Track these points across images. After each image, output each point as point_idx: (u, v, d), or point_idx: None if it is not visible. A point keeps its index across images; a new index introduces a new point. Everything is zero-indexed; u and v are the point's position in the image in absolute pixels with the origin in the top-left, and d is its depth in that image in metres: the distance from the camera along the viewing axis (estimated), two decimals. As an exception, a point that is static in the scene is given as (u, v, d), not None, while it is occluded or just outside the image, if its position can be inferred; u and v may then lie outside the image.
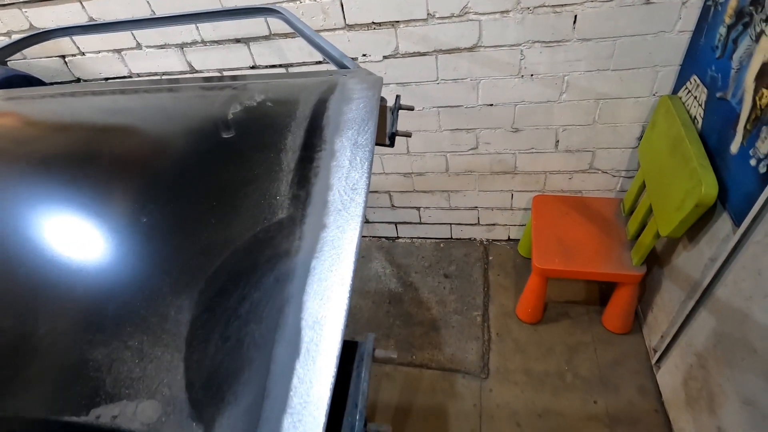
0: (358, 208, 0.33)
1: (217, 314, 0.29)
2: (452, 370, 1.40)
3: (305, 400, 0.24)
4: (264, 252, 0.32)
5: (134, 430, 0.25)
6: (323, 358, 0.26)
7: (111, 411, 0.26)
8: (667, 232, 1.02)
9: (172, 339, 0.28)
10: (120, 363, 0.27)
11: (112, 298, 0.31)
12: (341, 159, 0.38)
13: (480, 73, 1.25)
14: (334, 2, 1.17)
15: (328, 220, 0.33)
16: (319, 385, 0.25)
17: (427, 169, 1.57)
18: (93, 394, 0.26)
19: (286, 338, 0.26)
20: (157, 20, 1.09)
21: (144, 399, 0.26)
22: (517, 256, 1.71)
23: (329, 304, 0.28)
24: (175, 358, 0.27)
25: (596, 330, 1.42)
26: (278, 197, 0.36)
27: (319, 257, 0.31)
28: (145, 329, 0.29)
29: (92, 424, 0.25)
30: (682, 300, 1.11)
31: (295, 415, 0.24)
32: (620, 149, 1.36)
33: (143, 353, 0.28)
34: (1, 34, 1.40)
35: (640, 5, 1.04)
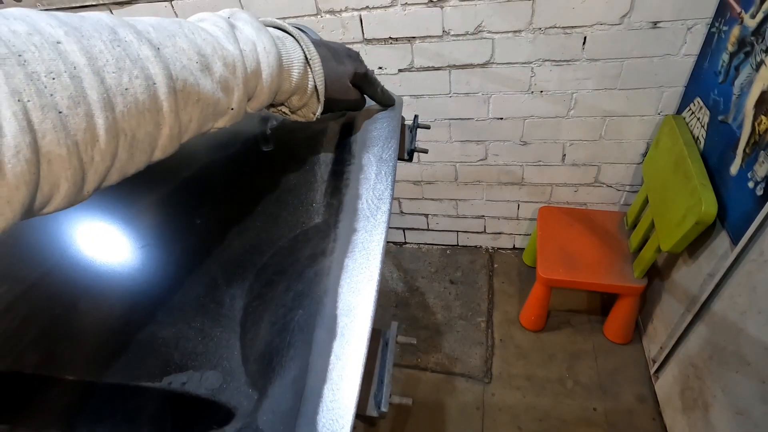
0: (384, 215, 0.39)
1: (266, 302, 0.34)
2: (456, 373, 1.44)
3: (342, 374, 0.29)
4: (304, 251, 0.37)
5: (200, 394, 0.30)
6: (356, 340, 0.31)
7: (180, 379, 0.31)
8: (668, 247, 1.06)
9: (228, 322, 0.34)
10: (185, 340, 0.33)
11: (175, 287, 0.37)
12: (368, 172, 0.43)
13: (491, 89, 1.30)
14: (354, 18, 1.23)
15: (358, 225, 0.38)
16: (352, 362, 0.30)
17: (436, 178, 1.62)
18: (164, 365, 0.32)
19: (324, 323, 0.32)
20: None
21: (207, 370, 0.31)
22: (522, 265, 1.75)
23: (360, 296, 0.33)
24: (231, 338, 0.33)
25: (597, 339, 1.45)
26: (314, 204, 0.41)
27: (351, 256, 0.36)
28: (204, 313, 0.34)
29: (165, 388, 0.31)
30: (681, 313, 1.14)
31: (334, 386, 0.29)
32: (625, 164, 1.40)
33: (204, 333, 0.33)
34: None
35: (648, 29, 1.09)
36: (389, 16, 1.20)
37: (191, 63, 0.27)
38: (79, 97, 0.21)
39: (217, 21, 0.31)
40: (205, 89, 0.28)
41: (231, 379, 0.30)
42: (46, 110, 0.20)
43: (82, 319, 0.36)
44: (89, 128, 0.22)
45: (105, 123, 0.22)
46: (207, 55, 0.29)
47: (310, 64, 0.36)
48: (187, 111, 0.28)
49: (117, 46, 0.24)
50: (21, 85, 0.19)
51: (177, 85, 0.26)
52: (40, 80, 0.20)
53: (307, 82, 0.37)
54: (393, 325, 0.49)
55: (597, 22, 1.10)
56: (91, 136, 0.22)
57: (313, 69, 0.36)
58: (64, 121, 0.20)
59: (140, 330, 0.34)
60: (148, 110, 0.25)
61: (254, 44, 0.32)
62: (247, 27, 0.32)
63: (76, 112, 0.21)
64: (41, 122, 0.20)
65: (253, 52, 0.32)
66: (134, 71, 0.24)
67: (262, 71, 0.32)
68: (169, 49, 0.26)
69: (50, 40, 0.21)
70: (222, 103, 0.30)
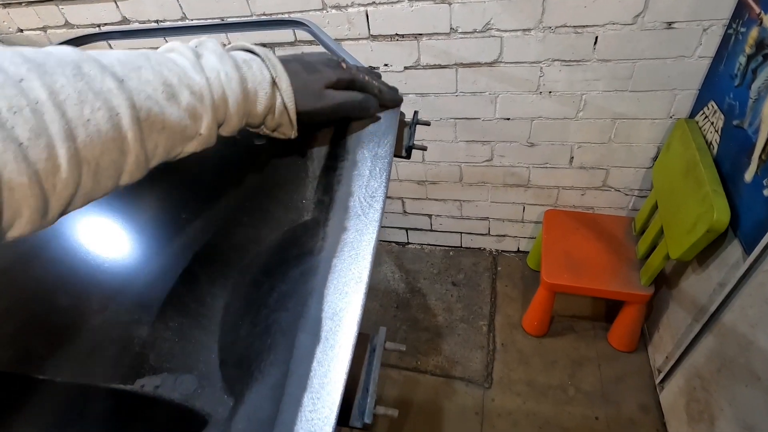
0: (376, 214, 0.37)
1: (249, 302, 0.32)
2: (456, 377, 1.42)
3: (323, 381, 0.27)
4: (291, 249, 0.35)
5: (174, 399, 0.29)
6: (340, 345, 0.29)
7: (154, 381, 0.29)
8: (677, 255, 1.03)
9: (208, 322, 0.32)
10: (162, 341, 0.31)
11: (155, 284, 0.35)
12: (362, 169, 0.41)
13: (499, 88, 1.27)
14: (360, 13, 1.21)
15: (348, 223, 0.36)
16: (335, 369, 0.28)
17: (440, 178, 1.60)
18: (138, 366, 0.30)
19: (308, 327, 0.30)
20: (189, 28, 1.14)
21: (183, 373, 0.30)
22: (526, 268, 1.72)
23: (347, 299, 0.31)
24: (210, 339, 0.31)
25: (601, 346, 1.42)
26: (304, 201, 0.39)
27: (339, 256, 0.34)
28: (184, 312, 0.33)
29: (137, 392, 0.29)
30: (689, 322, 1.11)
31: (314, 394, 0.27)
32: (634, 168, 1.37)
33: (182, 333, 0.31)
34: (38, 28, 1.46)
35: (662, 29, 1.06)
36: (396, 13, 1.18)
37: (156, 93, 0.29)
38: (40, 129, 0.23)
39: (184, 51, 0.33)
40: (171, 117, 0.30)
41: (207, 383, 0.29)
42: (6, 142, 0.21)
43: (60, 314, 0.35)
44: (50, 158, 0.23)
45: (67, 153, 0.24)
46: (173, 85, 0.30)
47: (277, 82, 0.37)
48: (152, 138, 0.29)
49: (80, 80, 0.25)
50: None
51: (141, 115, 0.28)
52: (1, 115, 0.21)
53: (275, 101, 0.37)
54: (381, 330, 0.47)
55: (609, 21, 1.07)
56: (53, 166, 0.23)
57: (280, 87, 0.37)
58: (24, 152, 0.22)
59: (117, 328, 0.32)
60: (111, 139, 0.26)
61: (218, 72, 0.33)
62: (212, 56, 0.34)
63: (37, 143, 0.22)
64: (2, 153, 0.21)
65: (217, 80, 0.33)
66: (96, 103, 0.25)
67: (228, 97, 0.34)
68: (133, 81, 0.28)
69: (14, 78, 0.23)
70: (190, 129, 0.32)
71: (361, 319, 0.30)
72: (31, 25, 1.45)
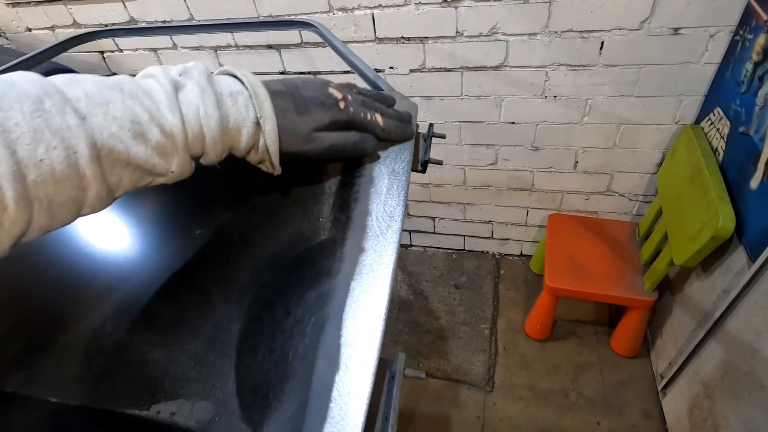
0: (395, 234, 0.36)
1: (264, 326, 0.32)
2: (458, 380, 1.42)
3: (344, 412, 0.27)
4: (306, 270, 0.35)
5: (191, 427, 0.28)
6: (360, 374, 0.28)
7: (170, 408, 0.29)
8: (681, 261, 1.03)
9: (223, 346, 0.31)
10: (176, 365, 0.31)
11: (169, 304, 0.35)
12: (379, 186, 0.40)
13: (504, 92, 1.27)
14: (366, 16, 1.20)
15: (366, 244, 0.36)
16: (356, 398, 0.27)
17: (444, 181, 1.59)
18: (153, 391, 0.30)
19: (326, 353, 0.29)
20: (196, 27, 1.13)
21: (199, 399, 0.29)
22: (529, 272, 1.72)
23: (367, 324, 0.31)
24: (226, 364, 0.30)
25: (604, 351, 1.42)
26: (320, 219, 0.39)
27: (357, 279, 0.33)
28: (198, 335, 0.32)
29: (153, 418, 0.29)
30: (692, 329, 1.11)
31: (335, 425, 0.26)
32: (639, 174, 1.37)
33: (198, 357, 0.31)
34: (46, 27, 1.46)
35: (668, 35, 1.05)
36: (402, 16, 1.17)
37: (122, 131, 0.28)
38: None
39: (163, 82, 0.31)
40: (137, 155, 0.28)
41: (224, 411, 0.28)
42: None
43: (70, 333, 0.34)
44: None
45: (14, 193, 0.23)
46: (142, 122, 0.29)
47: (261, 123, 0.35)
48: (115, 173, 0.28)
49: (38, 116, 0.24)
50: None
51: (102, 153, 0.27)
52: None
53: (258, 139, 0.35)
54: (400, 356, 0.47)
55: (615, 26, 1.07)
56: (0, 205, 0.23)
57: (263, 128, 0.35)
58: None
59: (129, 349, 0.32)
60: (67, 178, 0.25)
61: (197, 107, 0.31)
62: (194, 88, 0.32)
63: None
64: None
65: (195, 116, 0.31)
66: (53, 142, 0.24)
67: (205, 135, 0.32)
68: (97, 118, 0.27)
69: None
70: (160, 167, 0.30)
71: (381, 345, 0.30)
72: (40, 25, 1.44)
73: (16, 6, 1.41)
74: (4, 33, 1.52)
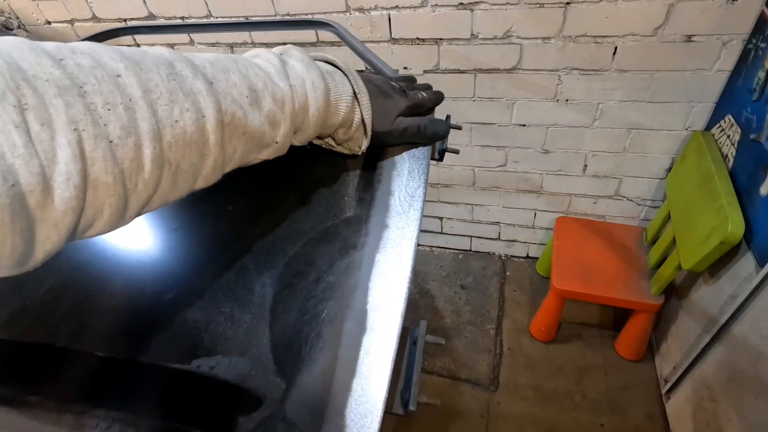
0: (416, 213, 0.38)
1: (296, 291, 0.34)
2: (462, 379, 1.43)
3: (370, 369, 0.29)
4: (335, 243, 0.37)
5: (229, 380, 0.30)
6: (386, 336, 0.31)
7: (209, 363, 0.31)
8: (689, 266, 1.04)
9: (258, 309, 0.34)
10: (215, 325, 0.33)
11: (206, 271, 0.37)
12: (401, 169, 0.43)
13: (516, 94, 1.29)
14: (383, 17, 1.23)
15: (389, 221, 0.38)
16: (382, 357, 0.30)
17: (454, 181, 1.61)
18: (193, 348, 0.32)
19: (354, 317, 0.31)
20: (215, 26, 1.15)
21: (236, 355, 0.31)
22: (535, 274, 1.73)
23: (391, 292, 0.33)
24: (261, 325, 0.33)
25: (608, 354, 1.43)
26: (346, 198, 0.41)
27: (382, 252, 0.35)
28: (235, 299, 0.34)
29: (194, 371, 0.31)
30: (698, 333, 1.12)
31: (363, 379, 0.29)
32: (647, 179, 1.38)
33: (234, 318, 0.33)
34: (66, 21, 1.49)
35: (681, 42, 1.07)
36: (418, 17, 1.19)
37: (242, 97, 0.28)
38: (130, 128, 0.22)
39: (270, 58, 0.33)
40: (252, 123, 0.29)
41: (259, 366, 0.30)
42: (98, 139, 0.21)
43: (114, 295, 0.37)
44: (136, 158, 0.23)
45: (152, 153, 0.23)
46: (258, 90, 0.30)
47: (358, 98, 0.37)
48: (232, 143, 0.29)
49: (173, 79, 0.25)
50: (78, 115, 0.20)
51: (225, 119, 0.27)
52: (96, 111, 0.21)
53: (354, 115, 0.37)
54: (422, 323, 0.49)
55: (629, 32, 1.09)
56: (137, 165, 0.23)
57: (360, 103, 0.37)
58: (113, 150, 0.22)
59: (170, 311, 0.34)
60: (194, 142, 0.26)
61: (303, 80, 0.33)
62: (297, 63, 0.33)
63: (126, 142, 0.22)
64: (92, 150, 0.21)
65: (302, 88, 0.33)
66: (186, 104, 0.25)
67: (310, 106, 0.33)
68: (222, 84, 0.28)
69: (111, 73, 0.22)
70: (267, 136, 0.31)
71: (405, 311, 0.32)
72: (59, 18, 1.48)
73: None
74: (24, 25, 1.55)
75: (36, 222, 0.19)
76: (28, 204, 0.18)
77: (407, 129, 0.42)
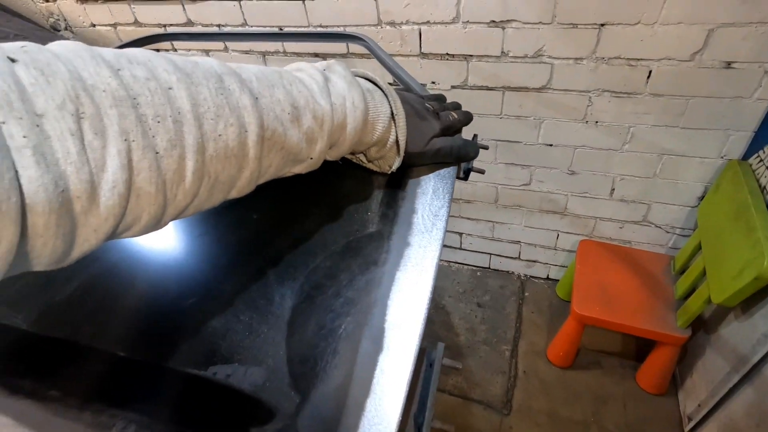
0: (439, 233, 0.38)
1: (315, 305, 0.34)
2: (474, 399, 1.40)
3: (385, 389, 0.29)
4: (356, 258, 0.37)
5: (244, 389, 0.30)
6: (403, 356, 0.30)
7: (225, 370, 0.31)
8: (719, 300, 1.00)
9: (276, 320, 0.34)
10: (233, 333, 0.33)
11: (227, 279, 0.37)
12: (425, 187, 0.43)
13: (544, 114, 1.27)
14: (413, 31, 1.24)
15: (412, 239, 0.37)
16: (398, 378, 0.29)
17: (476, 198, 1.60)
18: (210, 355, 0.32)
19: (371, 335, 0.31)
20: (249, 35, 1.19)
21: (252, 365, 0.31)
22: (554, 297, 1.69)
23: (410, 312, 0.33)
24: (278, 336, 0.33)
25: (628, 385, 1.38)
26: (369, 213, 0.41)
27: (403, 270, 0.35)
28: (254, 308, 0.35)
29: (210, 378, 0.31)
30: (727, 371, 1.07)
31: (377, 400, 0.28)
32: (678, 206, 1.34)
33: (252, 328, 0.33)
34: (109, 24, 1.56)
35: (720, 69, 1.04)
36: (449, 33, 1.20)
37: (284, 114, 0.29)
38: (176, 140, 0.23)
39: (314, 74, 0.33)
40: (291, 139, 0.29)
41: (274, 377, 0.30)
42: (146, 150, 0.21)
43: (137, 297, 0.37)
44: (179, 169, 0.23)
45: (194, 166, 0.24)
46: (299, 107, 0.30)
47: (395, 119, 0.37)
48: (269, 157, 0.29)
49: (221, 94, 0.25)
50: (130, 126, 0.21)
51: (266, 134, 0.28)
52: (146, 122, 0.22)
53: (389, 135, 0.38)
54: (439, 345, 0.48)
55: (665, 56, 1.06)
56: (179, 177, 0.23)
57: (397, 124, 0.37)
58: (159, 161, 0.22)
59: (190, 316, 0.35)
60: (234, 156, 0.26)
61: (344, 98, 0.33)
62: (340, 81, 0.34)
63: (171, 154, 0.23)
64: (139, 161, 0.21)
65: (342, 106, 0.33)
66: (231, 119, 0.25)
67: (347, 124, 0.33)
68: (266, 99, 0.28)
69: (164, 86, 0.23)
70: (303, 153, 0.31)
71: (423, 332, 0.32)
72: (104, 21, 1.55)
73: (84, 2, 1.52)
74: (71, 27, 1.63)
75: (78, 226, 0.20)
76: (73, 209, 0.19)
77: (440, 150, 0.42)
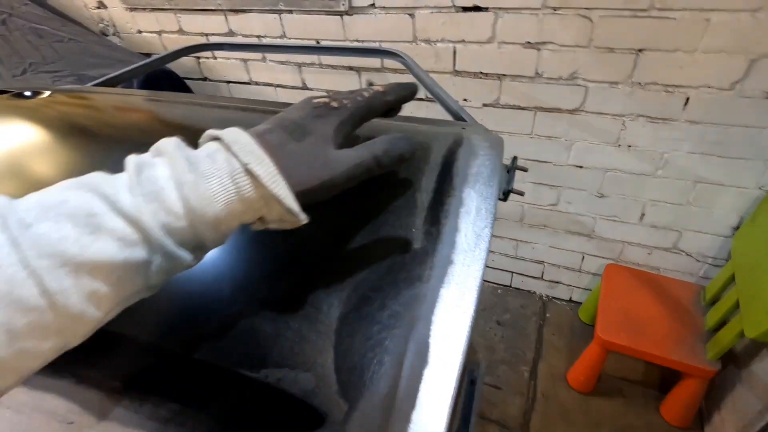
0: (482, 252, 0.39)
1: (362, 316, 0.35)
2: (491, 419, 1.38)
3: (430, 402, 0.30)
4: (401, 273, 0.38)
5: (294, 393, 0.32)
6: (447, 371, 0.31)
7: (276, 374, 0.33)
8: (754, 335, 0.97)
9: (325, 328, 0.35)
10: (284, 339, 0.35)
11: (278, 285, 0.39)
12: (469, 207, 0.44)
13: (576, 136, 1.27)
14: (448, 49, 1.26)
15: (455, 257, 0.39)
16: (443, 392, 0.30)
17: (501, 215, 1.59)
18: (263, 358, 0.34)
19: (417, 349, 0.32)
20: (288, 48, 1.23)
21: (302, 371, 0.33)
22: (576, 320, 1.66)
23: (454, 328, 0.34)
24: (326, 344, 0.34)
25: (651, 417, 1.34)
26: (413, 230, 0.42)
27: (446, 287, 0.36)
28: (303, 316, 0.36)
29: (262, 380, 0.33)
30: (759, 409, 1.03)
31: (423, 413, 0.29)
32: (711, 235, 1.31)
33: (302, 335, 0.35)
34: (155, 31, 1.63)
35: (761, 98, 1.02)
36: (484, 52, 1.22)
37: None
38: None
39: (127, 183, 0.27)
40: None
41: (323, 384, 0.32)
42: None
43: (190, 298, 0.40)
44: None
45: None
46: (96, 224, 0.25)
47: (251, 169, 0.28)
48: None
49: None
50: None
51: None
52: None
53: (262, 193, 0.28)
54: (481, 364, 0.48)
55: (704, 84, 1.05)
56: None
57: (257, 174, 0.28)
58: None
59: (243, 320, 0.37)
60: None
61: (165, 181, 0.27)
62: (162, 161, 0.28)
63: None
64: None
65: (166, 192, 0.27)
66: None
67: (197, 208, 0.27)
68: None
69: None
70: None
71: (467, 350, 0.33)
72: (150, 29, 1.63)
73: (133, 10, 1.60)
74: (119, 33, 1.72)
75: None
76: None
77: (358, 167, 0.32)
